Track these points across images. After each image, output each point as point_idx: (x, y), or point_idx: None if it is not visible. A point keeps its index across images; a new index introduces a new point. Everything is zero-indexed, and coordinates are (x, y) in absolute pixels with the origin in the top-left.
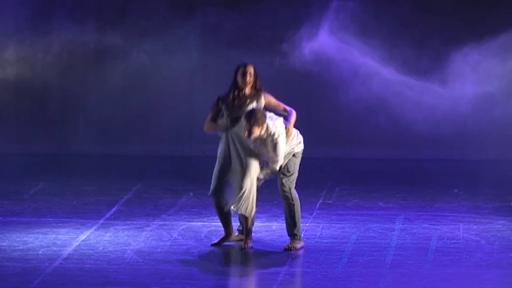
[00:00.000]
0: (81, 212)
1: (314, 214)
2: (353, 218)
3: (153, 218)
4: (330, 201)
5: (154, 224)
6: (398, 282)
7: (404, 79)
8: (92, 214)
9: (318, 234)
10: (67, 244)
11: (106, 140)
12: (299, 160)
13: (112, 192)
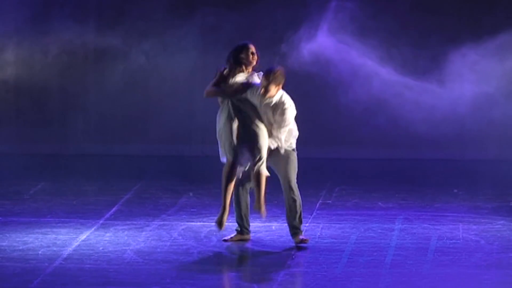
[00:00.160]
0: (81, 212)
1: (314, 214)
2: (352, 218)
3: (153, 218)
4: (330, 201)
5: (154, 224)
6: (398, 282)
7: (402, 79)
8: (92, 214)
9: (318, 234)
10: (67, 244)
11: (105, 140)
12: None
13: (112, 192)
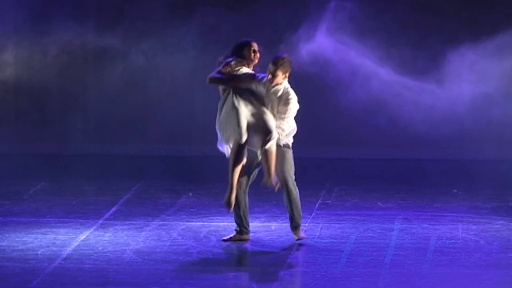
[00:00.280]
0: (80, 212)
1: (313, 214)
2: (352, 218)
3: (152, 218)
4: (329, 201)
5: (153, 224)
6: (397, 282)
7: (402, 79)
8: (92, 214)
9: (317, 234)
10: (67, 244)
11: (105, 140)
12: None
13: (111, 192)
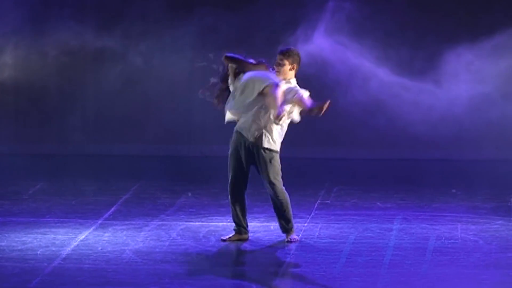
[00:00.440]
0: (80, 212)
1: (313, 214)
2: (351, 218)
3: (151, 218)
4: (328, 201)
5: (152, 224)
6: (396, 282)
7: (400, 80)
8: (91, 214)
9: (316, 234)
10: (66, 244)
11: (104, 140)
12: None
13: (110, 192)
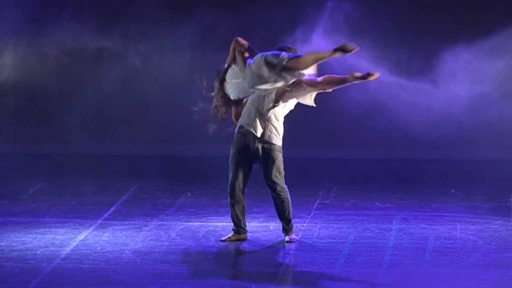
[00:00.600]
0: (79, 212)
1: (312, 214)
2: (350, 218)
3: (151, 218)
4: (328, 201)
5: (152, 224)
6: (396, 282)
7: (398, 80)
8: (90, 214)
9: (316, 234)
10: (66, 244)
11: (104, 140)
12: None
13: (110, 192)
